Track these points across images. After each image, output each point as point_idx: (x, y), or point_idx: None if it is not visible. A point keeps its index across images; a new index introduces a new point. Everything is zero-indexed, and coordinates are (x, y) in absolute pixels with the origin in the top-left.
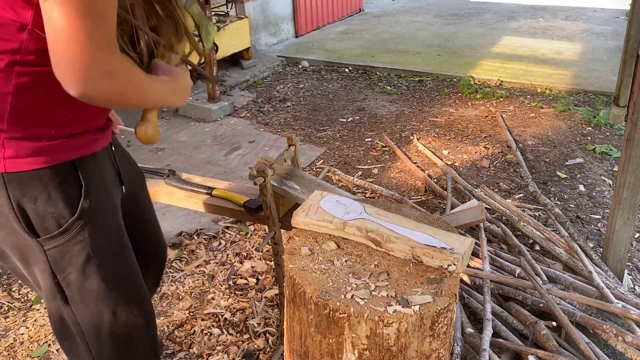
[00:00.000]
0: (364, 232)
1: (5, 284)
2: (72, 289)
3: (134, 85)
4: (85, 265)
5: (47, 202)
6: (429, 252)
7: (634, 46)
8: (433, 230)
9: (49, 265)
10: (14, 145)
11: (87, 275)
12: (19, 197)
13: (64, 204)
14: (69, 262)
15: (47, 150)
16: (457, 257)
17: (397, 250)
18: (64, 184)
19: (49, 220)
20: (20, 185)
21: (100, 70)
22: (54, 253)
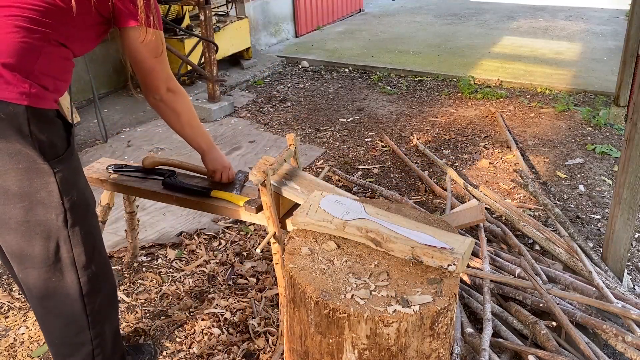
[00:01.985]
0: (364, 232)
1: (5, 284)
2: (73, 209)
3: (190, 112)
4: (80, 185)
5: (52, 135)
6: (429, 252)
7: (633, 46)
8: (433, 230)
9: (58, 186)
10: (37, 88)
11: (81, 196)
12: (37, 127)
13: (60, 139)
14: (72, 184)
15: (52, 98)
16: (457, 257)
17: (397, 250)
18: (58, 123)
19: (55, 147)
20: (39, 118)
21: (169, 90)
22: (61, 176)
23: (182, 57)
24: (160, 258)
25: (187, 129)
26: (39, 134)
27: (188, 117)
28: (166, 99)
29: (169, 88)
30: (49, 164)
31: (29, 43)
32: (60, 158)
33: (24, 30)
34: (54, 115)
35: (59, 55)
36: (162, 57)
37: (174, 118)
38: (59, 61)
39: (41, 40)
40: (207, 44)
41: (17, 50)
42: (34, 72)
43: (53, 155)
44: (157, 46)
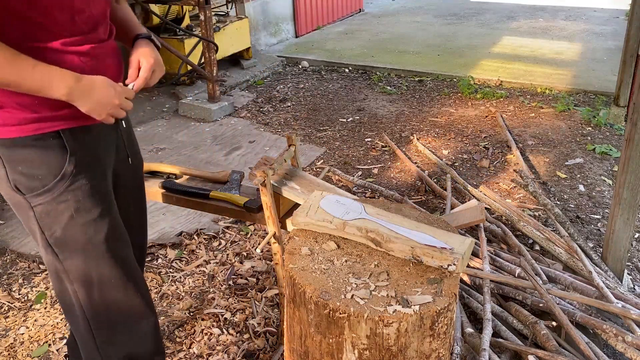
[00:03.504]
0: (364, 232)
1: (5, 284)
2: (59, 245)
3: None
4: (69, 225)
5: (32, 165)
6: (429, 252)
7: (633, 46)
8: (433, 230)
9: (37, 222)
10: (1, 113)
11: (72, 235)
12: (7, 159)
13: (47, 168)
14: (54, 220)
15: (31, 120)
16: (457, 257)
17: (397, 250)
18: (49, 150)
19: (34, 180)
20: (8, 149)
21: None
22: (40, 210)
23: (182, 57)
24: (160, 258)
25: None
26: (11, 165)
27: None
28: None
29: None
30: (25, 198)
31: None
32: (41, 191)
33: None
34: (36, 142)
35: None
36: None
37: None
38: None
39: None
40: (207, 44)
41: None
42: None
43: (30, 189)
44: None
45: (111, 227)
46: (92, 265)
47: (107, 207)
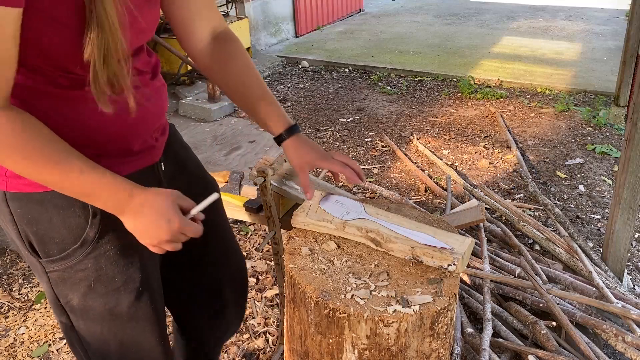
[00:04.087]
0: (364, 232)
1: (5, 284)
2: (75, 313)
3: (10, 152)
4: (87, 294)
5: (49, 226)
6: (429, 252)
7: (633, 46)
8: (433, 230)
9: (51, 287)
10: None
11: (90, 305)
12: (21, 217)
13: (67, 231)
14: (70, 288)
15: None
16: (457, 257)
17: (397, 250)
18: (69, 210)
19: (50, 244)
20: (21, 206)
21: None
22: (55, 277)
23: (182, 57)
24: None
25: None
26: (26, 224)
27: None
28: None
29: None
30: (39, 262)
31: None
32: (57, 258)
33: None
34: (55, 200)
35: (36, 102)
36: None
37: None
38: (40, 111)
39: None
40: None
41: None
42: None
43: (46, 253)
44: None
45: (138, 293)
46: (110, 336)
47: (134, 271)
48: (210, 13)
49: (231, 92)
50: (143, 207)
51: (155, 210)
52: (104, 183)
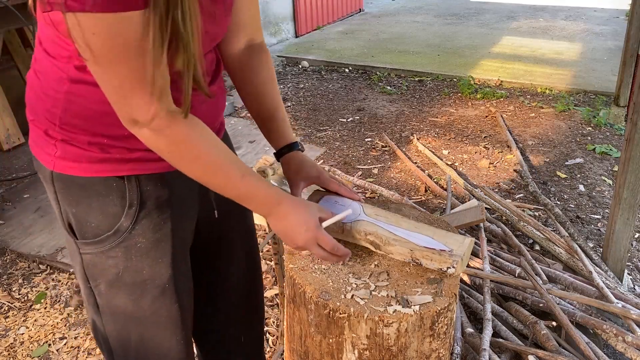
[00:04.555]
0: (362, 234)
1: (5, 284)
2: (102, 299)
3: (193, 155)
4: (114, 282)
5: (88, 210)
6: (428, 255)
7: (634, 46)
8: (432, 230)
9: (83, 269)
10: (63, 147)
11: (116, 293)
12: (63, 197)
13: (103, 217)
14: (100, 273)
15: (94, 160)
16: (456, 260)
17: (396, 253)
18: (107, 198)
19: (87, 227)
20: (65, 187)
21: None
22: (88, 259)
23: None
24: None
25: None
26: (68, 206)
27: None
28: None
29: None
30: (75, 242)
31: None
32: (91, 241)
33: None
34: (96, 186)
35: (90, 93)
36: None
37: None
38: (93, 101)
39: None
40: None
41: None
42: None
43: (82, 235)
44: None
45: (163, 290)
46: (132, 327)
47: (162, 267)
48: (252, 26)
49: (247, 100)
50: (287, 214)
51: (297, 218)
52: (258, 188)
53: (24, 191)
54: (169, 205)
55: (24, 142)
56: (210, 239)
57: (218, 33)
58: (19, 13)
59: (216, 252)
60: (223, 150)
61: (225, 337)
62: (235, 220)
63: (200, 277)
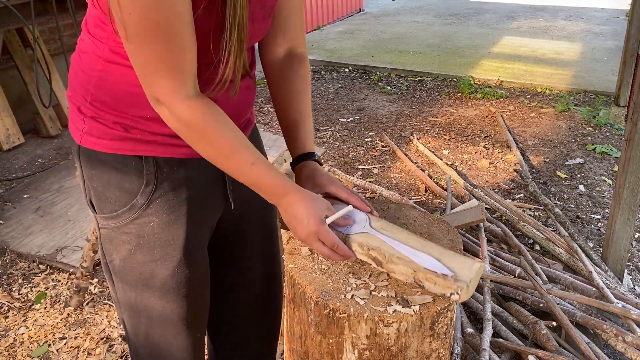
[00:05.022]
0: (365, 249)
1: (5, 284)
2: (116, 274)
3: (210, 142)
4: (127, 258)
5: (107, 185)
6: (432, 278)
7: (634, 46)
8: (439, 250)
9: (100, 243)
10: (91, 123)
11: (128, 270)
12: (87, 171)
13: (120, 193)
14: (114, 249)
15: (117, 138)
16: (460, 286)
17: (398, 272)
18: (125, 174)
19: (105, 202)
20: (89, 161)
21: (167, 109)
22: (105, 233)
23: None
24: None
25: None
26: (89, 180)
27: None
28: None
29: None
30: (95, 216)
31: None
32: (108, 216)
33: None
34: (116, 163)
35: (122, 75)
36: None
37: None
38: (124, 83)
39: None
40: None
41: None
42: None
43: (100, 209)
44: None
45: (173, 272)
46: (141, 306)
47: (174, 249)
48: (295, 35)
49: (277, 107)
50: (292, 204)
51: (300, 211)
52: (267, 177)
53: (24, 191)
54: (187, 190)
55: (24, 142)
56: (229, 234)
57: (254, 33)
58: (19, 13)
59: (234, 246)
60: (237, 136)
61: (237, 333)
62: (256, 216)
63: (216, 271)
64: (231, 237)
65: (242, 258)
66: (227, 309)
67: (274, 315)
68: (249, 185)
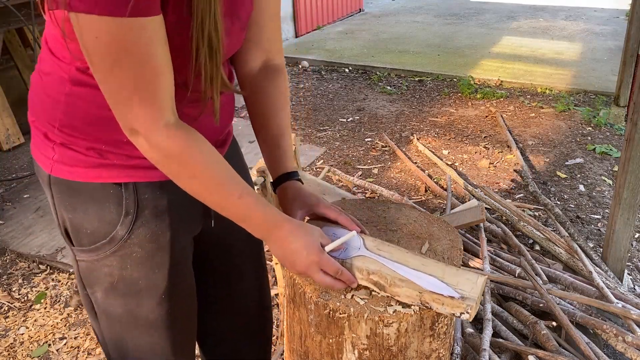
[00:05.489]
0: (364, 273)
1: (5, 284)
2: (99, 306)
3: (191, 174)
4: (110, 291)
5: (84, 216)
6: (439, 299)
7: (634, 46)
8: (442, 268)
9: (80, 275)
10: (62, 151)
11: (112, 302)
12: (60, 202)
13: (99, 224)
14: (95, 281)
15: (92, 165)
16: (470, 305)
17: (403, 295)
18: (104, 205)
19: (83, 234)
20: (62, 191)
21: (145, 141)
22: (84, 266)
23: None
24: None
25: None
26: (64, 211)
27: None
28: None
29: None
30: (72, 248)
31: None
32: (87, 249)
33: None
34: (93, 192)
35: (91, 97)
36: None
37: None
38: (94, 106)
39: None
40: None
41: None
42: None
43: (77, 242)
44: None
45: (161, 300)
46: (128, 337)
47: (159, 277)
48: (271, 45)
49: (255, 122)
50: (287, 237)
51: (297, 242)
52: (257, 210)
53: (24, 191)
54: (168, 215)
55: (24, 142)
56: (210, 247)
57: (230, 47)
58: (18, 13)
59: (218, 258)
60: (223, 167)
61: (229, 348)
62: (238, 230)
63: (204, 287)
64: (214, 250)
65: (231, 268)
66: (215, 321)
67: (265, 325)
68: (235, 219)
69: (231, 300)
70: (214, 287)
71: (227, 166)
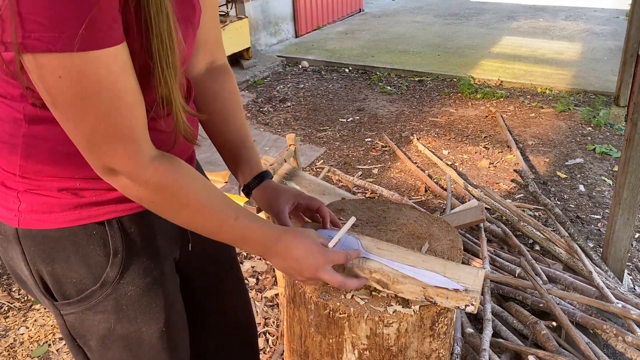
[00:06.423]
0: (367, 272)
1: (5, 284)
2: (94, 354)
3: (169, 200)
4: (107, 336)
5: (66, 265)
6: (443, 293)
7: (634, 46)
8: (442, 263)
9: (67, 329)
10: (28, 198)
11: (109, 347)
12: (34, 256)
13: (86, 270)
14: (88, 330)
15: (68, 208)
16: (474, 297)
17: (406, 291)
18: (88, 248)
19: (67, 284)
20: (35, 244)
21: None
22: (72, 319)
23: None
24: None
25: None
26: (40, 264)
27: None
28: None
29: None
30: (54, 305)
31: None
32: (74, 300)
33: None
34: (74, 236)
35: (52, 132)
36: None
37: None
38: (56, 142)
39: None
40: None
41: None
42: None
43: (62, 295)
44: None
45: (161, 334)
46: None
47: (158, 310)
48: (214, 46)
49: (210, 129)
50: (289, 247)
51: (300, 249)
52: (255, 228)
53: None
54: (156, 244)
55: None
56: (194, 271)
57: (188, 53)
58: None
59: (200, 281)
60: (213, 191)
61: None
62: (217, 250)
63: (191, 308)
64: (196, 271)
65: (214, 285)
66: (208, 337)
67: (254, 334)
68: (232, 242)
69: (221, 317)
70: (202, 306)
71: (216, 189)
